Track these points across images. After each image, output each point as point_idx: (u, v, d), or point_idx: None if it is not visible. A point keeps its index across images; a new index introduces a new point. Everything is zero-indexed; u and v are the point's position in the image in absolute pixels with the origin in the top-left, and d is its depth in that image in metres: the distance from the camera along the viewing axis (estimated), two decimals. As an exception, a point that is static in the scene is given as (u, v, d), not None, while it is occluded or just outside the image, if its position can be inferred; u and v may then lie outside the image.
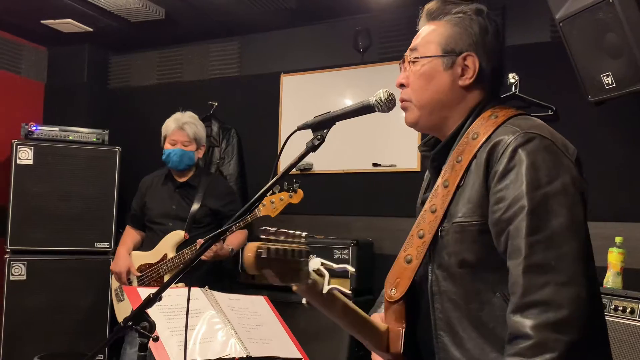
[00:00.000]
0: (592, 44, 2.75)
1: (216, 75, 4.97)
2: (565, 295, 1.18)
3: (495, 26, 1.48)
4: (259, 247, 1.13)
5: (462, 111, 1.46)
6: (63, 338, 4.32)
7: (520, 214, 1.24)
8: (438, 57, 1.46)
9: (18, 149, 4.33)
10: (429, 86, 1.47)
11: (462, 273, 1.34)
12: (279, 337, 2.22)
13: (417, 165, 4.12)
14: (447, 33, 1.46)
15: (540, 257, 1.21)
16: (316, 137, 1.49)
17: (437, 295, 1.38)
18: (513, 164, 1.28)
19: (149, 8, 4.28)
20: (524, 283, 1.21)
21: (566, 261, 1.20)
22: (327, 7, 4.32)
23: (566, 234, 1.22)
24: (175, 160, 3.55)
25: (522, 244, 1.23)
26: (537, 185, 1.25)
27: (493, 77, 1.47)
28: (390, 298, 1.44)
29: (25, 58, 5.18)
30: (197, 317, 2.08)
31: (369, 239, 4.05)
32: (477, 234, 1.32)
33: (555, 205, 1.24)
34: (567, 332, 1.16)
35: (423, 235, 1.40)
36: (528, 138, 1.29)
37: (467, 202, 1.34)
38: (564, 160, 1.29)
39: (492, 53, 1.45)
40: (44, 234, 4.34)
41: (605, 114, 3.36)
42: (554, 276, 1.19)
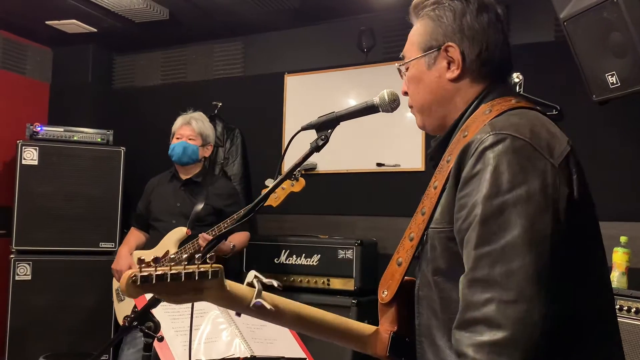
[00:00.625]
0: (597, 43, 2.75)
1: (220, 76, 4.97)
2: (510, 314, 1.06)
3: (476, 4, 1.36)
4: (132, 274, 1.12)
5: (459, 106, 1.37)
6: (68, 338, 4.33)
7: (472, 223, 1.14)
8: (420, 58, 1.40)
9: (23, 149, 4.35)
10: (419, 89, 1.42)
11: (437, 281, 1.27)
12: (283, 337, 2.22)
13: (422, 165, 4.12)
14: (425, 29, 1.40)
15: (486, 271, 1.11)
16: (320, 137, 1.49)
17: (421, 300, 1.34)
18: (478, 168, 1.17)
19: (153, 8, 4.29)
20: (467, 298, 1.12)
21: (515, 277, 1.08)
22: (331, 7, 4.32)
23: (520, 247, 1.09)
24: (178, 153, 3.57)
25: (471, 256, 1.14)
26: (495, 192, 1.13)
27: (484, 61, 1.34)
28: (382, 300, 1.41)
29: (30, 59, 5.19)
30: (201, 317, 2.08)
31: (373, 239, 4.05)
32: (446, 242, 1.24)
33: (513, 215, 1.11)
34: (507, 355, 1.06)
35: (413, 238, 1.35)
36: (498, 139, 1.17)
37: (441, 207, 1.27)
38: (538, 164, 1.15)
39: (474, 35, 1.34)
40: (48, 234, 4.35)
41: (609, 114, 3.36)
42: (498, 293, 1.08)
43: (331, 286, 3.76)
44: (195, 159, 3.65)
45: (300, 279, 3.86)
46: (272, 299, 1.35)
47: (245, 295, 1.30)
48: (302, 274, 3.86)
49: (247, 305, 1.29)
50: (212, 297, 1.23)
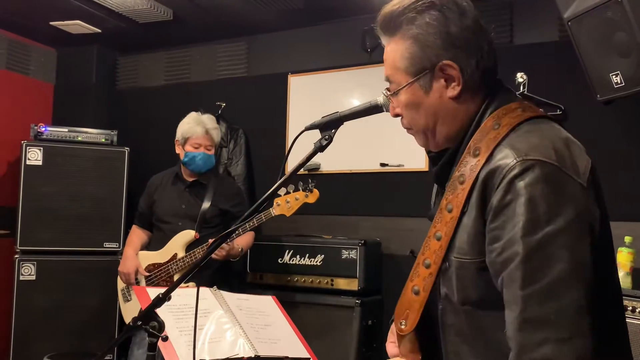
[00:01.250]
0: (601, 43, 2.74)
1: (224, 76, 4.98)
2: (566, 352, 1.05)
3: (456, 9, 1.27)
4: None
5: (463, 121, 1.31)
6: (72, 338, 4.34)
7: (514, 261, 1.11)
8: (413, 83, 1.31)
9: (27, 149, 4.36)
10: (419, 113, 1.34)
11: (467, 310, 1.24)
12: (287, 337, 2.22)
13: (425, 165, 4.11)
14: (408, 52, 1.30)
15: (536, 310, 1.08)
16: (324, 137, 1.49)
17: (448, 327, 1.30)
18: (509, 198, 1.13)
19: (156, 9, 4.30)
20: (520, 340, 1.10)
21: (567, 314, 1.06)
22: (334, 7, 4.32)
23: (567, 282, 1.07)
24: (200, 164, 3.57)
25: (517, 295, 1.10)
26: (534, 227, 1.10)
27: (483, 71, 1.28)
28: (401, 332, 1.35)
29: (34, 59, 5.21)
30: (205, 317, 2.08)
31: (377, 239, 4.05)
32: (477, 272, 1.21)
33: (554, 248, 1.08)
34: None
35: (429, 265, 1.29)
36: (526, 167, 1.13)
37: (467, 236, 1.22)
38: (569, 190, 1.12)
39: (466, 45, 1.26)
40: (53, 234, 4.36)
41: (614, 113, 3.35)
42: (553, 332, 1.06)
43: (335, 286, 3.76)
44: (212, 167, 3.68)
45: (304, 279, 3.86)
46: None
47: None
48: (306, 274, 3.86)
49: None
50: None
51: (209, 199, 3.58)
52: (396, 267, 3.99)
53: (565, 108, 3.27)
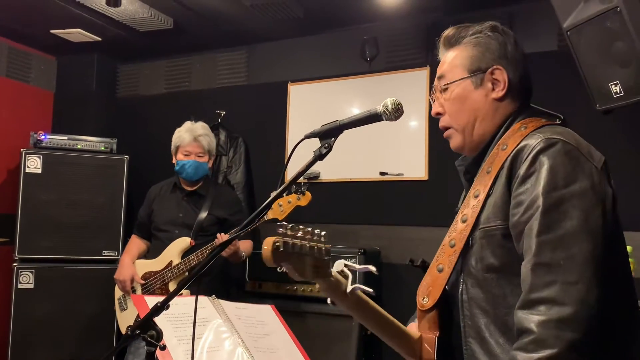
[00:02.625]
0: (600, 53, 2.75)
1: (224, 84, 4.99)
2: (572, 294, 1.19)
3: (512, 38, 1.55)
4: (276, 240, 1.15)
5: (495, 123, 1.51)
6: (70, 346, 4.32)
7: (535, 214, 1.27)
8: (466, 78, 1.52)
9: (27, 157, 4.36)
10: (464, 107, 1.53)
11: (488, 278, 1.37)
12: (286, 347, 2.22)
13: (425, 174, 4.11)
14: (470, 54, 1.53)
15: (548, 255, 1.23)
16: (323, 145, 1.49)
17: (466, 302, 1.41)
18: (534, 168, 1.31)
19: (157, 18, 4.31)
20: (531, 280, 1.24)
21: (575, 262, 1.21)
22: (334, 17, 4.33)
23: (578, 235, 1.23)
24: (190, 172, 3.56)
25: (533, 242, 1.26)
26: (553, 187, 1.27)
27: (522, 86, 1.53)
28: (423, 307, 1.46)
29: (35, 67, 5.22)
30: (204, 325, 2.08)
31: (376, 248, 4.05)
32: (501, 238, 1.36)
33: (569, 207, 1.25)
34: (569, 330, 1.17)
35: (454, 245, 1.44)
36: (550, 143, 1.32)
37: (492, 207, 1.38)
38: (586, 166, 1.31)
39: (515, 63, 1.52)
40: (52, 242, 4.36)
41: (613, 123, 3.35)
42: (561, 275, 1.21)
43: (334, 295, 3.75)
44: (205, 175, 3.66)
45: (304, 288, 3.85)
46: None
47: (342, 282, 1.33)
48: (305, 283, 3.85)
49: (344, 291, 1.33)
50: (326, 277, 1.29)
51: (206, 207, 3.58)
52: (396, 276, 3.98)
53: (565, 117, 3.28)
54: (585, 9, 2.74)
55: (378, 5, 4.08)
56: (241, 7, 4.13)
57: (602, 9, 2.64)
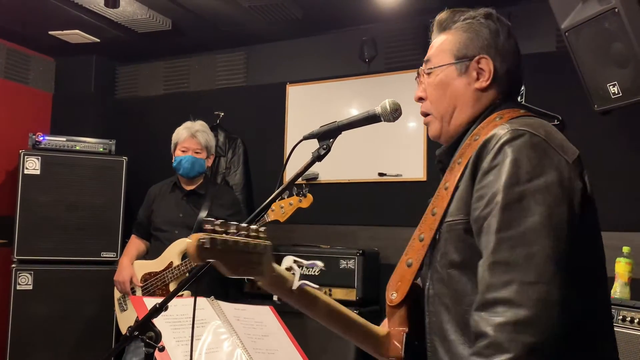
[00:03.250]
0: (598, 54, 2.75)
1: (222, 86, 4.99)
2: (530, 295, 1.12)
3: (507, 28, 1.47)
4: (202, 237, 1.10)
5: (474, 113, 1.44)
6: (69, 347, 4.32)
7: (494, 210, 1.20)
8: (451, 65, 1.45)
9: (25, 159, 4.36)
10: (445, 94, 1.46)
11: (451, 274, 1.31)
12: (284, 348, 2.22)
13: (423, 175, 4.12)
14: (458, 40, 1.46)
15: (507, 254, 1.16)
16: (322, 146, 1.50)
17: (431, 298, 1.36)
18: (497, 160, 1.24)
19: (155, 19, 4.31)
20: (488, 280, 1.17)
21: (535, 260, 1.14)
22: (333, 18, 4.34)
23: (540, 232, 1.15)
24: (186, 167, 3.56)
25: (492, 239, 1.19)
26: (515, 182, 1.20)
27: (508, 78, 1.45)
28: (391, 302, 1.42)
29: (33, 68, 5.22)
30: (202, 327, 2.08)
31: (375, 249, 4.05)
32: (463, 233, 1.29)
33: (532, 202, 1.18)
34: (527, 334, 1.10)
35: (423, 238, 1.38)
36: (517, 134, 1.25)
37: (458, 200, 1.31)
38: (554, 158, 1.23)
39: (505, 54, 1.45)
40: (50, 244, 4.35)
41: (611, 124, 3.36)
42: (519, 274, 1.13)
43: (333, 296, 3.74)
44: (202, 172, 3.66)
45: (302, 289, 3.85)
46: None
47: (288, 278, 1.30)
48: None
49: (289, 289, 1.29)
50: (264, 273, 1.23)
51: (206, 208, 3.58)
52: (394, 277, 3.98)
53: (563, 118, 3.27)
54: (583, 9, 2.74)
55: (377, 7, 4.08)
56: (240, 9, 4.13)
57: (600, 9, 2.64)
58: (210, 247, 1.10)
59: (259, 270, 1.21)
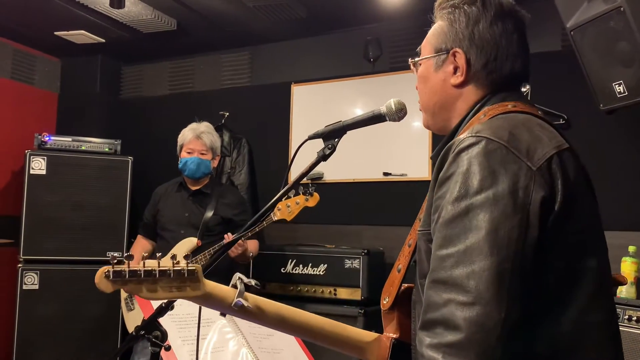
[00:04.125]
0: (604, 53, 2.75)
1: (227, 85, 4.99)
2: (466, 316, 1.04)
3: (493, 13, 1.33)
4: (106, 269, 1.21)
5: (462, 110, 1.36)
6: (75, 347, 4.33)
7: (439, 225, 1.14)
8: (431, 58, 1.39)
9: (31, 159, 4.37)
10: (426, 88, 1.42)
11: (422, 284, 1.24)
12: (290, 347, 2.22)
13: (428, 174, 4.11)
14: (439, 30, 1.38)
15: (447, 272, 1.09)
16: (327, 146, 1.49)
17: (414, 304, 1.33)
18: (452, 170, 1.16)
19: (160, 19, 4.32)
20: (428, 299, 1.11)
21: (475, 280, 1.06)
22: (337, 17, 4.34)
23: (483, 249, 1.07)
24: (192, 169, 3.58)
25: (435, 256, 1.12)
26: (463, 195, 1.11)
27: (490, 71, 1.32)
28: (384, 307, 1.41)
29: (39, 69, 5.23)
30: (208, 326, 2.08)
31: (380, 248, 4.05)
32: (428, 244, 1.22)
33: (478, 217, 1.09)
34: (461, 357, 1.04)
35: (410, 244, 1.36)
36: (473, 142, 1.15)
37: (426, 209, 1.26)
38: (511, 167, 1.12)
39: (484, 45, 1.32)
40: (56, 244, 4.36)
41: (617, 123, 3.35)
42: (458, 295, 1.06)
43: (338, 296, 3.75)
44: (208, 173, 3.67)
45: (307, 289, 3.85)
46: (256, 301, 1.38)
47: (227, 296, 1.34)
48: (309, 284, 3.86)
49: (229, 305, 1.34)
50: (189, 296, 1.27)
51: (212, 207, 3.59)
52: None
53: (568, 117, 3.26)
54: (588, 8, 2.74)
55: (381, 6, 4.08)
56: (244, 9, 4.14)
57: (605, 8, 2.64)
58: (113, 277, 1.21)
59: (185, 292, 1.26)
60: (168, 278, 1.23)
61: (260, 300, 1.39)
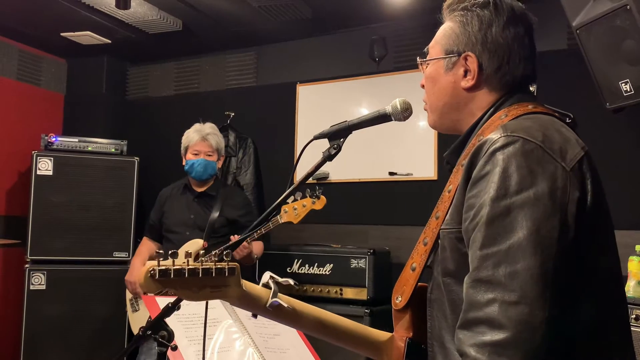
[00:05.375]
0: (610, 51, 2.74)
1: (233, 86, 5.00)
2: (511, 315, 1.05)
3: (506, 17, 1.33)
4: (151, 267, 1.15)
5: (474, 112, 1.36)
6: (82, 347, 4.35)
7: (479, 224, 1.13)
8: (441, 59, 1.39)
9: (38, 159, 4.38)
10: (434, 89, 1.41)
11: (446, 282, 1.26)
12: (296, 347, 2.22)
13: (434, 174, 4.11)
14: (450, 32, 1.37)
15: (490, 272, 1.09)
16: (332, 146, 1.49)
17: (431, 303, 1.33)
18: (488, 169, 1.15)
19: (166, 20, 4.33)
20: (470, 298, 1.11)
21: (519, 279, 1.07)
22: (342, 17, 4.34)
23: (525, 249, 1.08)
24: (199, 171, 3.59)
25: (475, 256, 1.12)
26: (503, 194, 1.12)
27: (502, 75, 1.33)
28: (396, 306, 1.40)
29: (45, 70, 5.25)
30: (214, 326, 2.08)
31: (386, 248, 4.04)
32: (455, 242, 1.23)
33: (519, 217, 1.10)
34: (507, 356, 1.04)
35: (427, 243, 1.34)
36: (509, 141, 1.16)
37: (452, 208, 1.26)
38: (548, 167, 1.13)
39: (497, 49, 1.32)
40: (63, 244, 4.38)
41: (623, 122, 3.34)
42: (501, 294, 1.07)
43: (344, 296, 3.75)
44: (214, 175, 3.68)
45: (313, 289, 3.85)
46: (289, 301, 1.36)
47: (262, 296, 1.31)
48: (315, 284, 3.86)
49: (264, 306, 1.31)
50: (229, 295, 1.25)
51: (217, 209, 3.59)
52: (405, 277, 3.97)
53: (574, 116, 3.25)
54: (594, 7, 2.73)
55: (386, 6, 4.08)
56: (250, 9, 4.14)
57: (611, 7, 2.63)
58: (159, 277, 1.15)
59: (223, 292, 1.23)
60: (210, 277, 1.19)
61: (294, 302, 1.37)
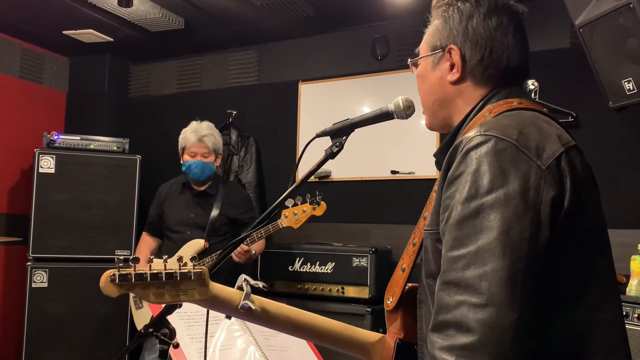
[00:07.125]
0: (613, 50, 2.73)
1: (235, 84, 5.00)
2: (479, 318, 1.03)
3: (489, 7, 1.32)
4: (111, 273, 1.19)
5: (462, 108, 1.34)
6: (84, 345, 4.35)
7: (450, 226, 1.12)
8: (428, 57, 1.38)
9: (40, 157, 4.39)
10: (424, 87, 1.41)
11: (429, 284, 1.25)
12: (298, 345, 2.22)
13: (436, 172, 4.10)
14: (434, 28, 1.38)
15: (459, 274, 1.08)
16: (335, 144, 1.49)
17: (419, 303, 1.32)
18: (461, 169, 1.14)
19: (168, 18, 4.33)
20: (440, 300, 1.10)
21: (487, 281, 1.05)
22: (345, 15, 4.33)
23: (495, 250, 1.05)
24: (196, 173, 3.58)
25: (446, 258, 1.11)
26: (474, 195, 1.10)
27: (486, 66, 1.31)
28: (388, 307, 1.40)
29: (47, 68, 5.25)
30: (216, 324, 2.08)
31: (387, 247, 4.04)
32: (436, 243, 1.21)
33: (489, 217, 1.08)
34: (474, 359, 1.03)
35: (415, 243, 1.35)
36: (482, 140, 1.14)
37: (433, 208, 1.25)
38: (521, 166, 1.10)
39: (478, 39, 1.30)
40: (65, 242, 4.39)
41: (626, 120, 3.33)
42: (469, 296, 1.05)
43: (345, 294, 3.75)
44: (212, 175, 3.67)
45: (315, 287, 3.86)
46: (262, 303, 1.37)
47: (233, 298, 1.33)
48: (317, 282, 3.86)
49: (236, 308, 1.33)
50: (196, 298, 1.26)
51: (217, 207, 3.59)
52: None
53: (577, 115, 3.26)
54: (597, 5, 2.72)
55: (388, 4, 4.07)
56: (252, 7, 4.14)
57: (614, 5, 2.62)
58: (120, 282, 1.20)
59: (189, 295, 1.25)
60: (175, 281, 1.21)
61: (266, 302, 1.38)
